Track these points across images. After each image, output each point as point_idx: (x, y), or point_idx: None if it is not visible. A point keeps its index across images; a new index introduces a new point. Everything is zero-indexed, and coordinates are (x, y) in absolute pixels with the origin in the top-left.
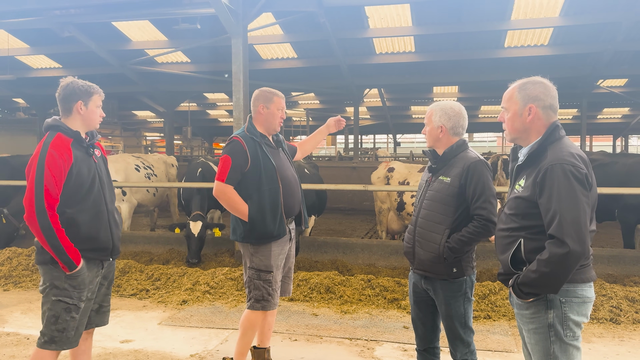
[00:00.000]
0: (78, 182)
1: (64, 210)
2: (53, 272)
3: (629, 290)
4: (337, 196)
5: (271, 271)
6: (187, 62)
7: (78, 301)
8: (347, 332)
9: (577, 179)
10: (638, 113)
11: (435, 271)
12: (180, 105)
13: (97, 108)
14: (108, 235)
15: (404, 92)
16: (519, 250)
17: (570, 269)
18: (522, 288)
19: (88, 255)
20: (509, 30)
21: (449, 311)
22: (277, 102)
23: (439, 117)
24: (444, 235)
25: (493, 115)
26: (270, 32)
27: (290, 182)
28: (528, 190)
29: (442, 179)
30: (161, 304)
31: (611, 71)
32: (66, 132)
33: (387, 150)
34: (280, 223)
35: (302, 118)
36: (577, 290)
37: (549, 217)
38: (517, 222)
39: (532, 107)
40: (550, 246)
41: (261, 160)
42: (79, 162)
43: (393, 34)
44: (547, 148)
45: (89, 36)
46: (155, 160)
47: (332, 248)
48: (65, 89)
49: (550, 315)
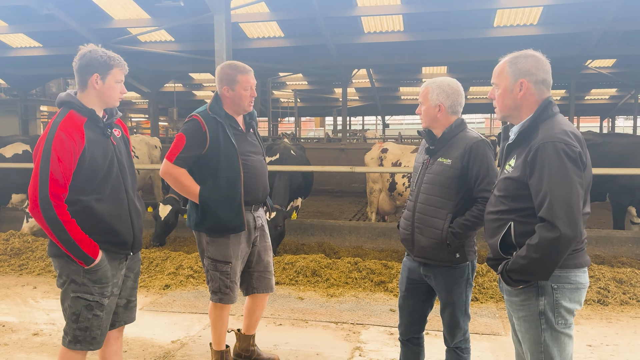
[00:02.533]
0: (93, 167)
1: (79, 199)
2: (70, 265)
3: (616, 272)
4: (326, 178)
5: (229, 262)
6: (171, 41)
7: (100, 297)
8: (333, 316)
9: (570, 158)
10: (625, 94)
11: (437, 258)
12: (166, 86)
13: (116, 84)
14: (129, 226)
15: (393, 72)
16: (508, 234)
17: (562, 254)
18: (511, 275)
19: (107, 247)
20: (499, 9)
21: (450, 298)
22: (243, 82)
23: (437, 94)
24: (447, 220)
25: (482, 96)
26: (256, 10)
27: (255, 169)
28: (518, 170)
29: (442, 161)
30: (143, 288)
31: (600, 51)
32: (79, 110)
33: (375, 131)
34: (238, 216)
35: (290, 99)
36: (570, 276)
37: (539, 198)
38: (506, 205)
39: (524, 82)
40: (540, 230)
41: (222, 144)
42: (92, 144)
43: (381, 13)
44: (539, 126)
45: (69, 14)
46: (137, 142)
47: (319, 230)
48: (81, 59)
49: (541, 303)
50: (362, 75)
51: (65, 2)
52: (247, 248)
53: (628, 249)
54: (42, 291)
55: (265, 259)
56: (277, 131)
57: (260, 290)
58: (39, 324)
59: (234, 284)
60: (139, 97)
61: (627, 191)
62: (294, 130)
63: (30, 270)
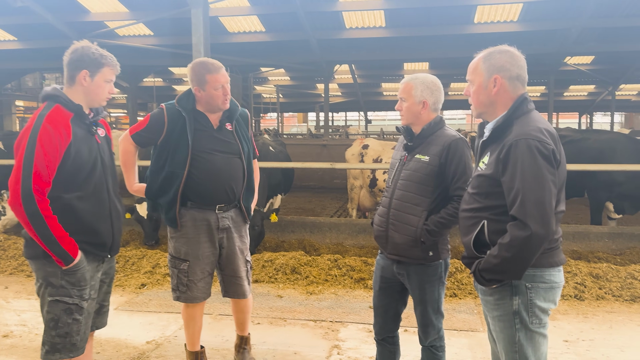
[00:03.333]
0: (77, 163)
1: (60, 196)
2: (47, 267)
3: (593, 267)
4: (307, 174)
5: (186, 260)
6: (150, 35)
7: (80, 300)
8: (312, 314)
9: (543, 156)
10: (603, 91)
11: (410, 255)
12: (145, 80)
13: (105, 83)
14: (109, 228)
15: (375, 68)
16: (482, 232)
17: (533, 253)
18: (483, 274)
19: (86, 248)
20: (479, 5)
21: (423, 296)
22: (212, 81)
23: (421, 91)
24: (422, 218)
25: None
26: (237, 4)
27: (216, 167)
28: (491, 167)
29: (420, 158)
30: (119, 287)
31: (578, 48)
32: (66, 105)
33: (358, 127)
34: (170, 212)
35: (273, 95)
36: (545, 275)
37: (511, 196)
38: (480, 202)
39: (498, 77)
40: (511, 228)
41: (175, 139)
42: (78, 140)
43: (363, 8)
44: (514, 122)
45: (44, 6)
46: (113, 138)
47: (299, 227)
48: (73, 54)
49: (515, 302)
50: (344, 71)
51: None
52: (211, 248)
53: (604, 244)
54: (14, 291)
55: (233, 262)
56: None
57: (231, 295)
58: (9, 325)
59: (193, 283)
60: (117, 92)
61: (605, 187)
62: (276, 126)
63: (1, 270)
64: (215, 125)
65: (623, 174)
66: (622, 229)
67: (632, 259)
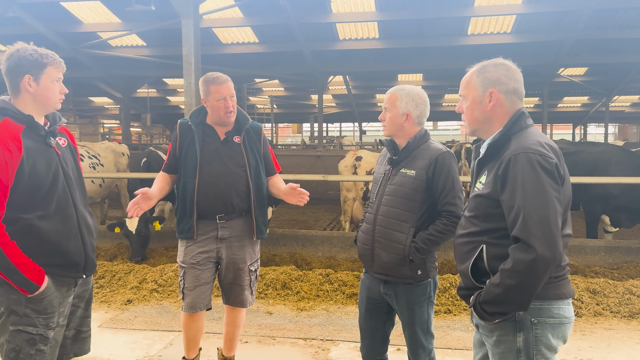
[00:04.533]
0: (34, 180)
1: (19, 217)
2: (10, 294)
3: (589, 282)
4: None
5: (182, 267)
6: (143, 46)
7: (45, 329)
8: (302, 332)
9: (546, 170)
10: (596, 102)
11: (398, 274)
12: (139, 91)
13: (53, 83)
14: (79, 245)
15: (369, 79)
16: (480, 258)
17: (540, 278)
18: (485, 307)
19: (54, 271)
20: (473, 17)
21: (412, 317)
22: (215, 92)
23: (406, 103)
24: (409, 235)
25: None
26: (230, 15)
27: (213, 179)
28: (489, 186)
29: (406, 172)
30: (104, 304)
31: (572, 60)
32: (15, 117)
33: (352, 138)
34: (187, 222)
35: (267, 105)
36: (552, 308)
37: (512, 215)
38: (477, 225)
39: (494, 92)
40: (514, 252)
41: (186, 150)
42: (32, 155)
43: (356, 19)
44: (511, 138)
45: (36, 17)
46: (102, 149)
47: (291, 241)
48: (9, 59)
49: (519, 339)
50: (338, 82)
51: (31, 5)
52: (205, 257)
53: (601, 258)
54: None
55: (233, 271)
56: None
57: (230, 302)
58: None
59: (189, 291)
60: (111, 103)
61: (601, 200)
62: (270, 137)
63: None
64: (222, 137)
65: (618, 186)
66: (618, 243)
67: (629, 274)
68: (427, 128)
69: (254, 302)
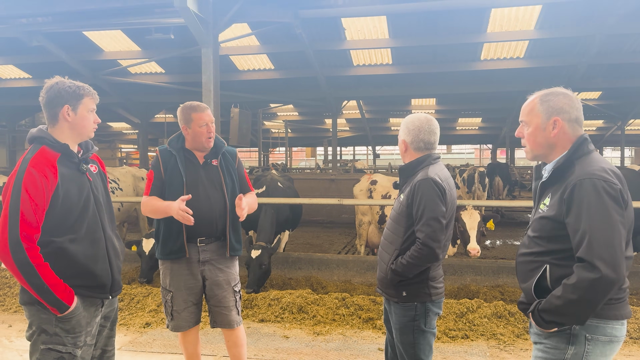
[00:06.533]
0: (67, 205)
1: (51, 240)
2: (41, 314)
3: None
4: (315, 209)
5: (170, 291)
6: (162, 73)
7: (73, 348)
8: (318, 356)
9: (610, 196)
10: (612, 125)
11: (388, 292)
12: (156, 116)
13: (89, 113)
14: (106, 268)
15: (383, 104)
16: (543, 277)
17: (601, 297)
18: (543, 315)
19: (82, 292)
20: (485, 42)
21: (398, 337)
22: (197, 119)
23: (402, 131)
24: (392, 256)
25: (470, 127)
26: (246, 43)
27: (198, 202)
28: (554, 209)
29: (400, 197)
30: (123, 326)
31: (585, 84)
32: (52, 146)
33: (366, 162)
34: (175, 243)
35: (281, 130)
36: (607, 328)
37: (577, 237)
38: (541, 246)
39: (557, 120)
40: (578, 270)
41: (170, 175)
42: (66, 181)
43: (370, 46)
44: (575, 162)
45: (59, 46)
46: (122, 174)
47: (306, 264)
48: (49, 92)
49: (569, 352)
50: (352, 107)
51: (55, 34)
52: (193, 280)
53: None
54: (18, 330)
55: (218, 294)
56: (268, 161)
57: (219, 324)
58: None
59: (177, 313)
60: (129, 128)
61: None
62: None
63: (6, 307)
64: (201, 162)
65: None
66: (636, 268)
67: None
68: (441, 152)
69: (241, 323)
